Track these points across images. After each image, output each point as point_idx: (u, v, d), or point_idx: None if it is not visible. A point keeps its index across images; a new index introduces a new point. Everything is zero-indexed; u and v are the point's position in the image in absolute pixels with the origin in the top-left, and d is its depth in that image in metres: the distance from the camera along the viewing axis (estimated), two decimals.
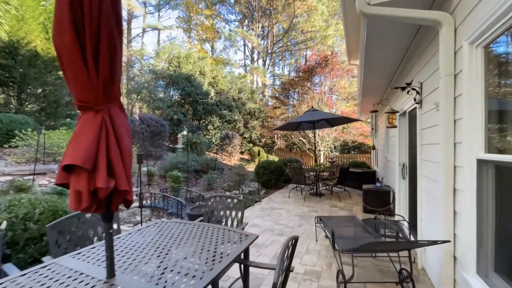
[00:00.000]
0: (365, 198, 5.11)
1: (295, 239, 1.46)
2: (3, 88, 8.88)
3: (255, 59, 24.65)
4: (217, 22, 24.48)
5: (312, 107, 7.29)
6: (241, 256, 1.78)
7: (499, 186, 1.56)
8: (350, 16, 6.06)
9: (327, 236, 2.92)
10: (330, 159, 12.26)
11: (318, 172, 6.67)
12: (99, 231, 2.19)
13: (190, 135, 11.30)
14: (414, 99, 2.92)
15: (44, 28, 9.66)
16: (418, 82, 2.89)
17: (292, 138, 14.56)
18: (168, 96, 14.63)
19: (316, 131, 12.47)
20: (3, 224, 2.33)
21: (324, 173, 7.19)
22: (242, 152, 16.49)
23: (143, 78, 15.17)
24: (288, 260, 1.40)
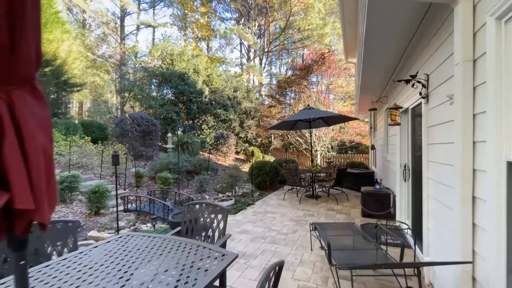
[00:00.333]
0: (363, 201, 4.80)
1: (279, 267, 1.13)
2: None
3: (251, 57, 24.29)
4: (212, 20, 24.09)
5: (308, 105, 6.96)
6: (214, 283, 1.44)
7: None
8: (348, 9, 5.78)
9: (322, 248, 2.59)
10: (327, 159, 11.96)
11: (314, 174, 6.35)
12: (64, 244, 1.84)
13: (181, 134, 10.91)
14: (420, 93, 2.61)
15: None
16: (424, 74, 2.58)
17: (289, 138, 14.23)
18: (161, 95, 14.21)
19: (313, 130, 12.16)
20: None
21: (321, 174, 6.87)
22: (237, 152, 16.11)
23: (136, 75, 14.71)
24: None
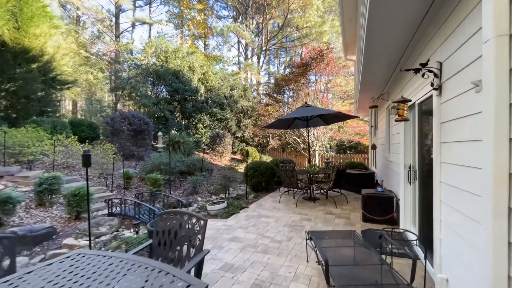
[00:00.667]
0: (364, 205, 4.46)
1: None
2: None
3: (249, 56, 23.92)
4: (210, 18, 23.67)
5: (306, 103, 6.61)
6: None
7: None
8: (347, 2, 5.44)
9: (319, 263, 2.24)
10: (325, 160, 11.63)
11: (311, 175, 6.01)
12: None
13: (173, 133, 10.52)
14: (431, 84, 2.27)
15: (13, 16, 8.78)
16: (437, 62, 2.24)
17: (287, 138, 13.88)
18: (155, 93, 13.80)
19: (311, 130, 11.83)
20: None
21: (319, 175, 6.53)
22: (234, 152, 15.74)
23: (129, 73, 14.28)
24: None
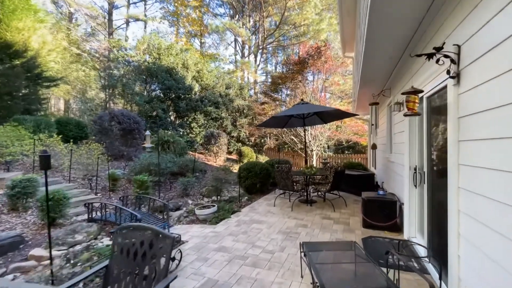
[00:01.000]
0: (364, 209, 4.11)
1: None
2: None
3: (245, 54, 23.52)
4: (206, 16, 23.24)
5: (302, 100, 6.25)
6: None
7: None
8: None
9: (314, 285, 1.88)
10: (323, 160, 11.29)
11: (308, 176, 5.65)
12: None
13: (162, 132, 10.11)
14: (447, 72, 1.91)
15: None
16: (454, 46, 1.88)
17: (283, 137, 13.52)
18: (147, 91, 13.35)
19: (308, 129, 11.48)
20: None
21: (316, 176, 6.17)
22: (230, 152, 15.35)
23: (121, 70, 13.81)
24: None
